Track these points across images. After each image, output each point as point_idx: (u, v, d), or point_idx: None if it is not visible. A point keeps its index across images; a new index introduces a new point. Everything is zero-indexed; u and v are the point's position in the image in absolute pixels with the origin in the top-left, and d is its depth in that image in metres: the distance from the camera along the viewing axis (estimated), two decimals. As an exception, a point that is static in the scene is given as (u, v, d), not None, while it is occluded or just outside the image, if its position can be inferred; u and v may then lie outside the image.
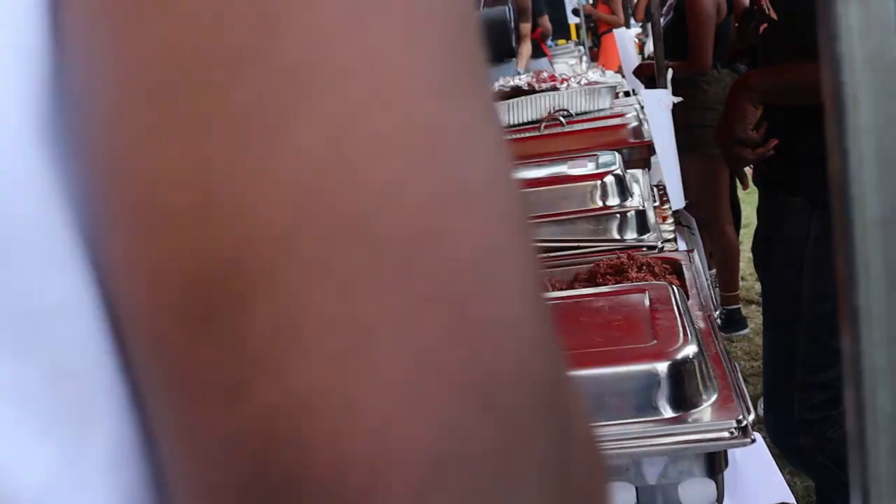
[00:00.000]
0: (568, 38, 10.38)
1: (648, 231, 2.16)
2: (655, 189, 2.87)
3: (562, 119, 3.59)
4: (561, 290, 1.87)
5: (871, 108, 0.51)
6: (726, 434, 1.14)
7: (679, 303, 1.41)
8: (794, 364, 2.65)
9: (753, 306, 5.42)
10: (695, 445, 1.14)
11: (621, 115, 3.63)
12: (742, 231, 5.72)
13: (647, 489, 1.18)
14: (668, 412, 1.17)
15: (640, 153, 3.21)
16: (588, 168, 2.44)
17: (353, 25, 0.28)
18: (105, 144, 0.29)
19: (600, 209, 2.18)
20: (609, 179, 2.20)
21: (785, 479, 3.50)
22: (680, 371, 1.18)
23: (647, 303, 1.44)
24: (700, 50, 4.70)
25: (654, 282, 1.67)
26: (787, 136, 2.72)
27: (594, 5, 10.20)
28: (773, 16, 2.59)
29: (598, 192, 2.20)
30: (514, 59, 7.44)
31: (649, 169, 3.13)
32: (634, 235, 2.14)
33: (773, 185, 2.94)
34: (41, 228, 0.29)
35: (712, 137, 4.67)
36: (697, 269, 1.90)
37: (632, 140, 3.29)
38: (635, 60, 5.66)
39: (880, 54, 0.51)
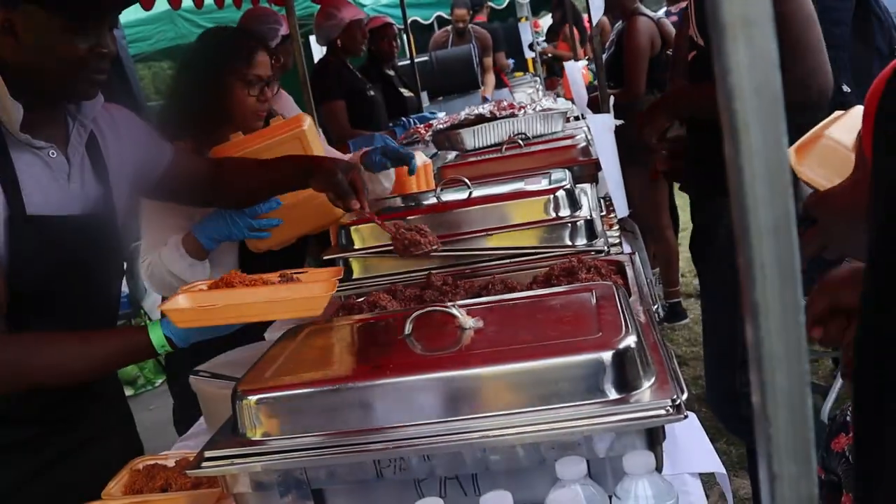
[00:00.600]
0: (525, 70, 10.41)
1: (596, 237, 2.17)
2: (602, 200, 2.88)
3: (520, 141, 3.61)
4: (521, 291, 1.88)
5: (760, 132, 0.53)
6: (663, 412, 1.15)
7: (621, 299, 1.42)
8: (731, 344, 2.68)
9: (692, 299, 5.46)
10: (636, 422, 1.15)
11: (572, 137, 3.65)
12: (681, 234, 5.77)
13: (597, 461, 1.19)
14: (612, 394, 1.18)
15: (588, 170, 3.23)
16: (542, 184, 2.45)
17: None
18: None
19: (553, 220, 2.19)
20: (560, 193, 2.21)
21: (722, 447, 3.52)
22: (622, 358, 1.19)
23: (593, 300, 1.45)
24: (634, 79, 4.74)
25: (600, 281, 1.68)
26: (716, 144, 2.79)
27: (555, 43, 10.28)
28: (701, 42, 2.61)
29: (552, 205, 2.20)
30: (479, 90, 7.47)
31: (597, 183, 3.14)
32: (584, 241, 2.15)
33: (705, 188, 3.07)
34: None
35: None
36: (638, 269, 1.91)
37: (581, 158, 3.31)
38: (583, 89, 5.69)
39: (766, 85, 0.52)
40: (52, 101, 1.80)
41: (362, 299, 1.99)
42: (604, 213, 2.67)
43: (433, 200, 2.47)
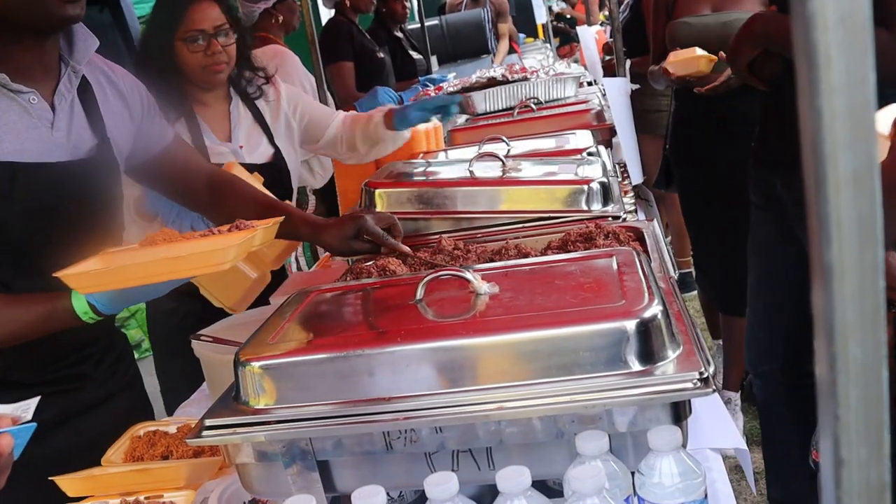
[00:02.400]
0: (536, 36, 10.26)
1: (613, 203, 2.10)
2: (617, 166, 2.82)
3: (533, 105, 3.55)
4: (535, 256, 1.82)
5: (843, 67, 0.46)
6: (689, 385, 1.09)
7: (644, 266, 1.36)
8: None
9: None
10: (662, 396, 1.09)
11: (585, 102, 3.58)
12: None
13: (619, 436, 1.13)
14: (636, 366, 1.12)
15: (602, 135, 3.16)
16: (569, 144, 2.40)
17: None
18: None
19: (569, 181, 2.12)
20: (586, 155, 2.15)
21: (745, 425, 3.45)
22: (647, 328, 1.13)
23: (615, 267, 1.38)
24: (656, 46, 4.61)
25: (620, 247, 1.61)
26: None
27: (573, 6, 10.13)
28: None
29: (576, 167, 2.14)
30: (489, 55, 7.36)
31: (611, 149, 3.08)
32: (600, 207, 2.09)
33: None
34: None
35: (665, 120, 4.63)
36: (657, 236, 1.84)
37: (595, 123, 3.24)
38: (596, 53, 5.60)
39: (852, 13, 0.45)
40: (31, 35, 1.66)
41: (371, 263, 1.92)
42: (619, 179, 2.60)
43: (463, 169, 2.37)
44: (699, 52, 3.05)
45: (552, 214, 2.08)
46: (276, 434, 1.18)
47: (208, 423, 1.21)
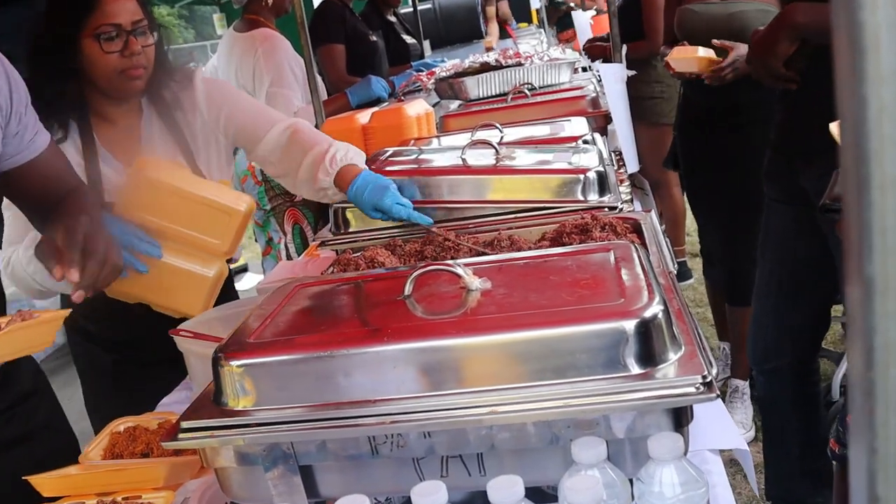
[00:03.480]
0: (530, 21, 10.16)
1: (609, 192, 2.04)
2: (613, 154, 2.76)
3: (527, 91, 3.48)
4: (529, 248, 1.76)
5: (893, 52, 0.39)
6: (692, 389, 1.03)
7: (643, 261, 1.30)
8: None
9: (697, 259, 5.34)
10: (662, 401, 1.03)
11: (580, 88, 3.52)
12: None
13: (617, 442, 1.07)
14: (635, 368, 1.06)
15: (598, 122, 3.11)
16: (565, 131, 2.35)
17: None
18: None
19: (563, 170, 2.06)
20: (581, 143, 2.09)
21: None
22: (647, 329, 1.07)
23: (612, 261, 1.32)
24: (654, 33, 4.55)
25: (618, 241, 1.55)
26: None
27: None
28: None
29: (571, 155, 2.08)
30: (482, 40, 7.28)
31: (606, 136, 3.02)
32: (596, 196, 2.03)
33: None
34: None
35: (661, 108, 4.59)
36: (655, 227, 1.79)
37: (590, 110, 3.18)
38: (587, 37, 5.54)
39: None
40: None
41: (358, 254, 1.87)
42: (615, 168, 2.54)
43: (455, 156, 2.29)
44: (702, 52, 3.03)
45: (547, 204, 2.01)
46: (256, 437, 1.12)
47: (185, 424, 1.15)
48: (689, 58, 3.07)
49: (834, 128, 1.59)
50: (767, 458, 2.80)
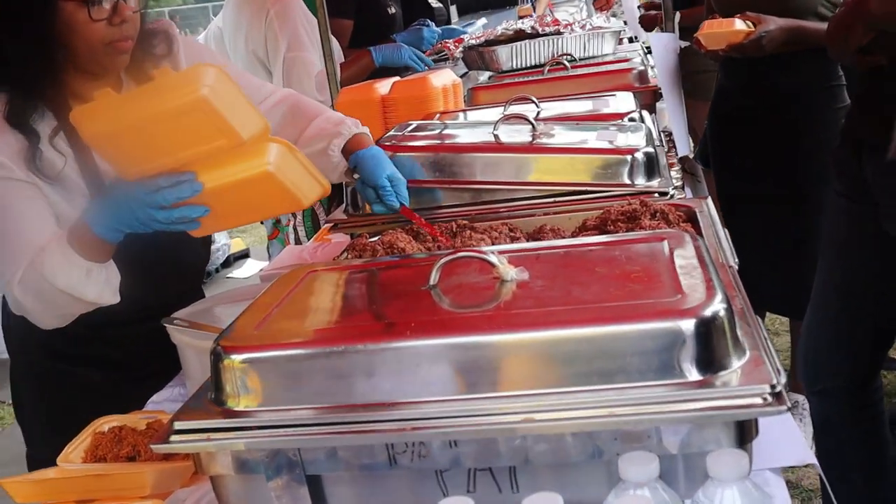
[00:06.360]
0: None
1: (659, 176, 2.01)
2: (662, 134, 2.72)
3: (566, 63, 3.45)
4: (570, 237, 1.74)
5: None
6: (759, 400, 1.00)
7: (702, 253, 1.27)
8: None
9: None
10: (725, 412, 1.00)
11: (626, 60, 3.49)
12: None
13: (670, 459, 1.05)
14: (693, 374, 1.04)
15: (645, 98, 3.07)
16: (609, 108, 2.32)
17: None
18: None
19: (607, 150, 2.03)
20: (627, 121, 2.07)
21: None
22: (707, 329, 1.04)
23: (666, 252, 1.29)
24: None
25: (672, 230, 1.52)
26: None
27: None
28: None
29: (616, 134, 2.05)
30: (516, 6, 7.24)
31: (655, 114, 2.98)
32: (644, 181, 1.99)
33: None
34: None
35: (713, 82, 4.52)
36: (712, 216, 1.75)
37: (638, 84, 3.15)
38: (635, 7, 5.49)
39: None
40: None
41: (376, 239, 1.85)
42: (665, 149, 2.51)
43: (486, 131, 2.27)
44: (739, 25, 2.87)
45: (589, 188, 1.99)
46: (258, 442, 1.11)
47: (178, 426, 1.14)
48: (724, 32, 2.90)
49: None
50: (824, 487, 2.75)
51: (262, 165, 1.66)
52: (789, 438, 1.40)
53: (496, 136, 2.18)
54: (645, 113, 2.53)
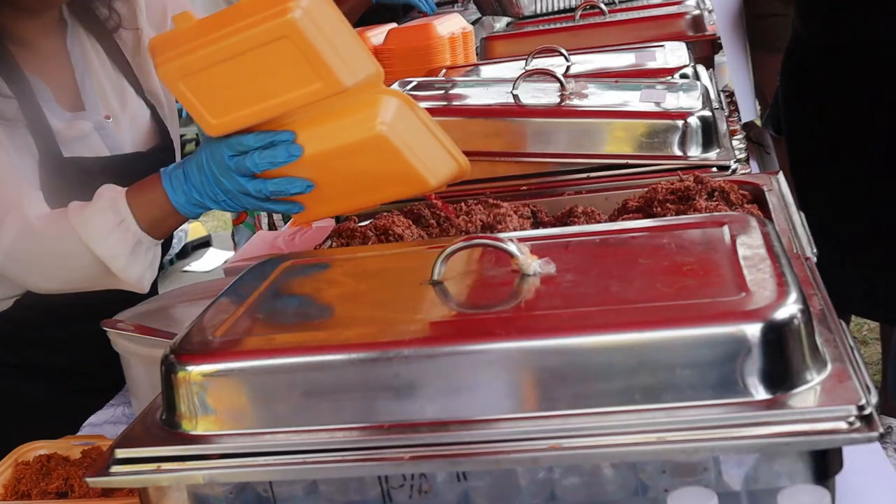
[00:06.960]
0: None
1: (718, 147, 2.02)
2: (722, 94, 2.73)
3: (602, 6, 3.46)
4: (607, 221, 1.75)
5: None
6: (843, 425, 1.00)
7: (773, 241, 1.27)
8: None
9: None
10: (800, 440, 1.00)
11: (678, 3, 3.51)
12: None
13: (731, 496, 1.06)
14: (760, 392, 1.04)
15: (701, 50, 3.09)
16: (655, 62, 2.34)
17: None
18: None
19: (654, 114, 2.04)
20: (679, 77, 2.08)
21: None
22: (779, 335, 1.05)
23: (727, 240, 1.30)
24: None
25: (733, 213, 1.54)
26: None
27: None
28: None
29: (665, 94, 2.06)
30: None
31: (713, 70, 2.99)
32: (699, 153, 2.00)
33: None
34: None
35: (788, 29, 4.51)
36: (785, 197, 1.76)
37: (691, 33, 3.16)
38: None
39: None
40: None
41: (368, 223, 1.87)
42: (726, 113, 2.52)
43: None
44: None
45: (630, 161, 2.01)
46: (220, 473, 1.13)
47: (121, 454, 1.15)
48: None
49: None
50: None
51: (370, 125, 1.62)
52: (880, 473, 1.41)
53: (516, 97, 2.20)
54: (700, 68, 2.55)
